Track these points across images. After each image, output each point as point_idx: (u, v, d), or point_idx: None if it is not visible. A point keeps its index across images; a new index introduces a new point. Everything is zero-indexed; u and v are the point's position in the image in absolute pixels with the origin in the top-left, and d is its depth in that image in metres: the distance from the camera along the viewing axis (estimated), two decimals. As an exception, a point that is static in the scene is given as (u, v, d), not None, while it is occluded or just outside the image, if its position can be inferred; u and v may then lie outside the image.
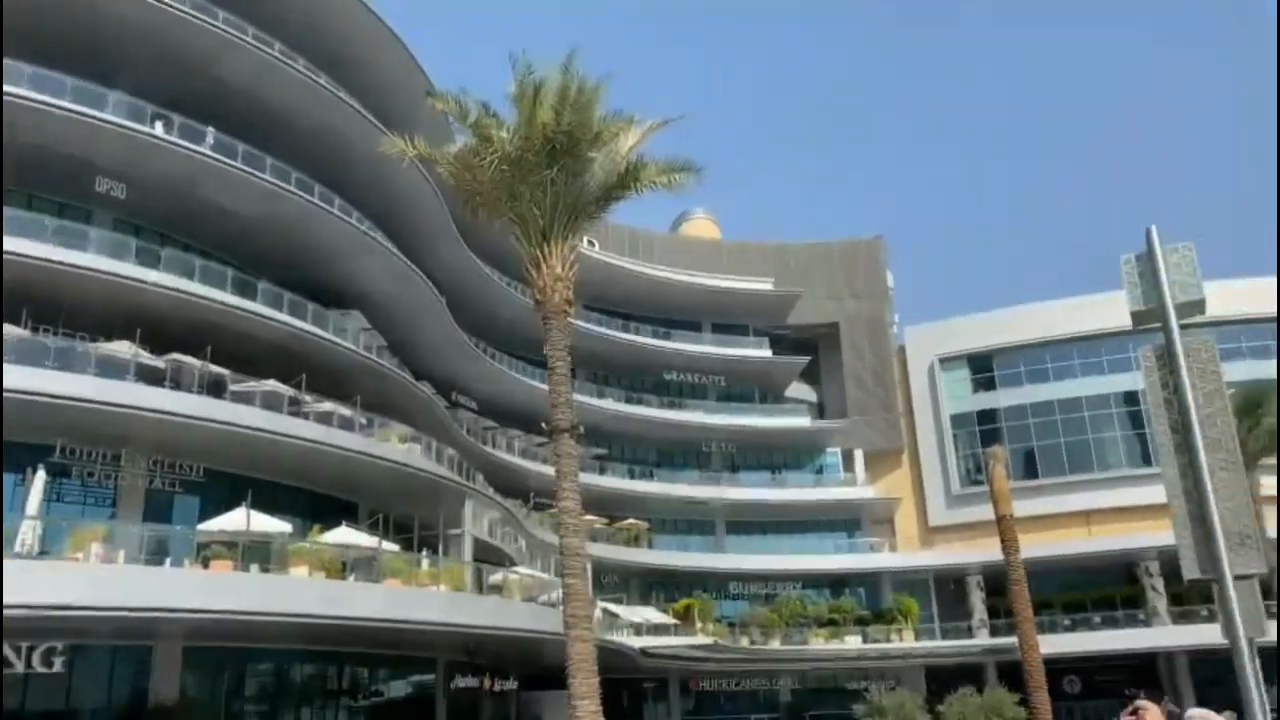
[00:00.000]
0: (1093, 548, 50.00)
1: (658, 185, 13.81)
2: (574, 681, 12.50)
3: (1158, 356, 8.18)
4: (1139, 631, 48.11)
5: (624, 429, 53.68)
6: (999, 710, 34.43)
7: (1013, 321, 58.64)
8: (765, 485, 57.30)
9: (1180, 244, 8.33)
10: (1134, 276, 8.44)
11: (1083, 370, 55.99)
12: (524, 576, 32.41)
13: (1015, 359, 58.55)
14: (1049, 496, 52.99)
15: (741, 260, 60.52)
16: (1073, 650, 45.86)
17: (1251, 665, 8.89)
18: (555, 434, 13.15)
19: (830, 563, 55.17)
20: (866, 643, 50.61)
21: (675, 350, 55.99)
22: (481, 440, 42.56)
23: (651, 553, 51.46)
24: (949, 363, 59.86)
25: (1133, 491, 49.28)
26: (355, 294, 33.23)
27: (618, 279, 53.74)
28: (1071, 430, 56.04)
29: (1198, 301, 8.12)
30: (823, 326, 61.16)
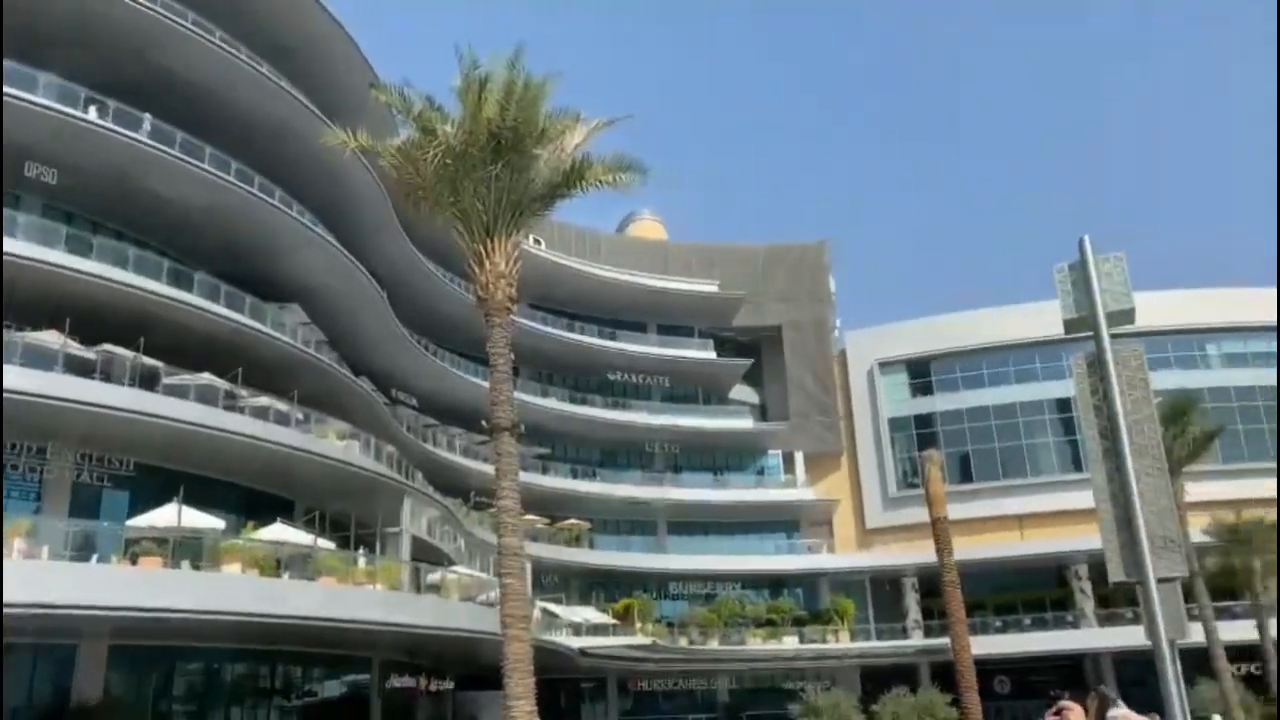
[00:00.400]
0: (1025, 551, 51.10)
1: (604, 184, 13.79)
2: (510, 682, 12.42)
3: (1088, 364, 8.38)
4: (1067, 633, 49.26)
5: (568, 428, 53.59)
6: (931, 710, 35.04)
7: (951, 328, 59.74)
8: (707, 486, 57.61)
9: (1112, 254, 8.54)
10: (1067, 285, 8.65)
11: (1017, 377, 57.20)
12: (462, 576, 32.18)
13: (952, 365, 59.65)
14: (983, 500, 54.02)
15: (687, 262, 60.78)
16: (1004, 651, 46.75)
17: (1172, 666, 9.14)
18: (495, 432, 13.06)
19: (769, 563, 55.66)
20: (803, 643, 51.11)
21: (620, 350, 56.02)
22: (422, 438, 42.17)
23: (592, 553, 51.46)
24: (888, 367, 60.76)
25: (1064, 496, 50.45)
26: (295, 287, 32.69)
27: (564, 278, 53.62)
28: (1006, 435, 57.23)
29: (1128, 311, 8.34)
30: (766, 329, 61.65)
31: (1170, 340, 56.07)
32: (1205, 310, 57.60)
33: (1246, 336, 58.37)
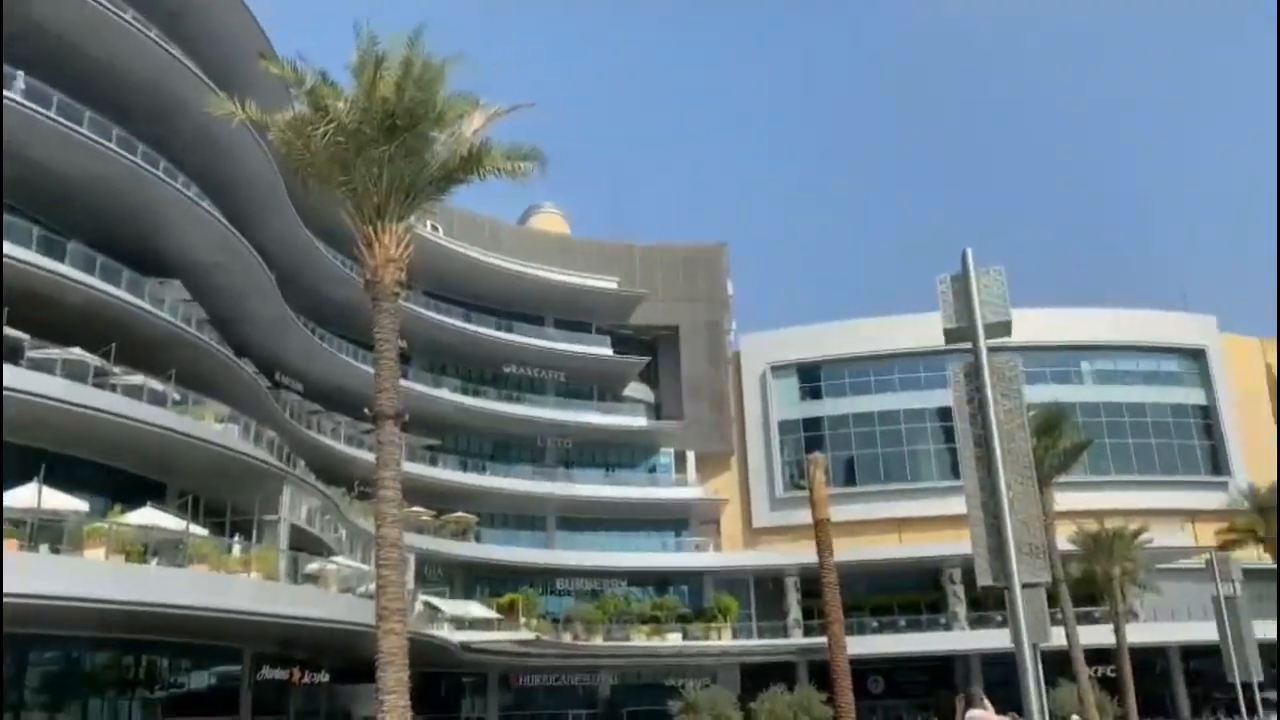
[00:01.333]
0: (902, 554, 52.67)
1: (502, 172, 13.56)
2: (384, 675, 12.12)
3: (966, 373, 8.56)
4: (940, 635, 50.97)
5: (460, 420, 52.88)
6: (807, 708, 35.71)
7: (842, 334, 61.15)
8: (599, 483, 57.63)
9: (993, 268, 8.76)
10: (948, 296, 8.82)
11: (902, 385, 58.93)
12: (343, 567, 31.41)
13: (841, 371, 61.07)
14: (865, 503, 55.44)
15: (588, 257, 60.64)
16: (879, 651, 48.10)
17: (1033, 667, 9.44)
18: (379, 420, 12.72)
19: (657, 561, 56.02)
20: (686, 640, 51.61)
21: (517, 343, 55.56)
22: (306, 424, 41.00)
23: (479, 546, 50.93)
24: (780, 371, 61.83)
25: (941, 502, 52.15)
26: (179, 264, 31.35)
27: (461, 267, 52.85)
28: (889, 441, 58.88)
29: (1005, 323, 8.56)
30: (664, 328, 61.99)
31: (1047, 355, 58.58)
32: (1081, 329, 60.39)
33: (1117, 356, 61.41)
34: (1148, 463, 58.95)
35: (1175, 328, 62.40)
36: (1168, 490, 57.28)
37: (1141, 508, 52.02)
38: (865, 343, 59.92)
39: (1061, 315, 59.95)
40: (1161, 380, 61.81)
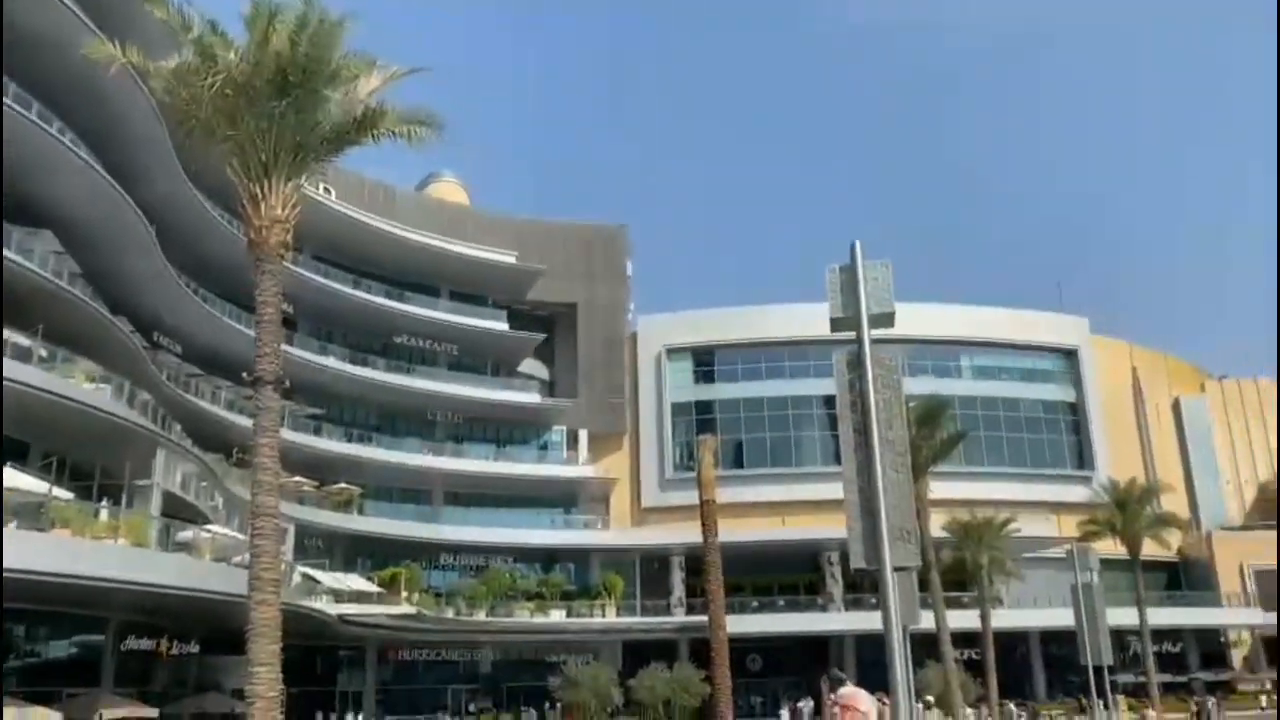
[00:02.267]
0: (784, 536, 53.84)
1: (397, 136, 13.20)
2: (254, 647, 11.80)
3: (849, 362, 8.76)
4: (817, 616, 52.39)
5: (346, 389, 51.71)
6: (686, 685, 36.26)
7: (737, 320, 61.99)
8: (488, 458, 57.16)
9: (880, 261, 8.97)
10: (836, 285, 9.00)
11: (792, 372, 60.10)
12: (218, 535, 30.40)
13: (734, 356, 61.98)
14: (751, 486, 56.43)
15: (487, 230, 59.87)
16: (758, 631, 49.11)
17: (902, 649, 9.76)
18: (258, 385, 12.30)
19: (544, 538, 55.97)
20: (570, 617, 51.79)
21: (409, 314, 54.55)
22: (185, 387, 39.46)
23: (362, 519, 50.01)
24: (675, 354, 62.34)
25: (823, 487, 53.24)
26: (51, 214, 29.67)
27: (354, 232, 51.54)
28: (777, 426, 60.07)
29: (888, 314, 8.78)
30: (561, 306, 61.75)
31: (930, 349, 60.59)
32: (963, 325, 62.59)
33: (995, 352, 63.90)
34: (1019, 456, 61.61)
35: (1050, 328, 65.27)
36: (1036, 483, 60.01)
37: (1011, 499, 54.38)
38: (759, 329, 60.86)
39: (945, 311, 62.04)
40: (1035, 377, 64.62)
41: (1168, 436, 69.17)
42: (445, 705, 47.84)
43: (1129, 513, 48.82)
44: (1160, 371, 71.61)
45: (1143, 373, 69.68)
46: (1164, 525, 51.31)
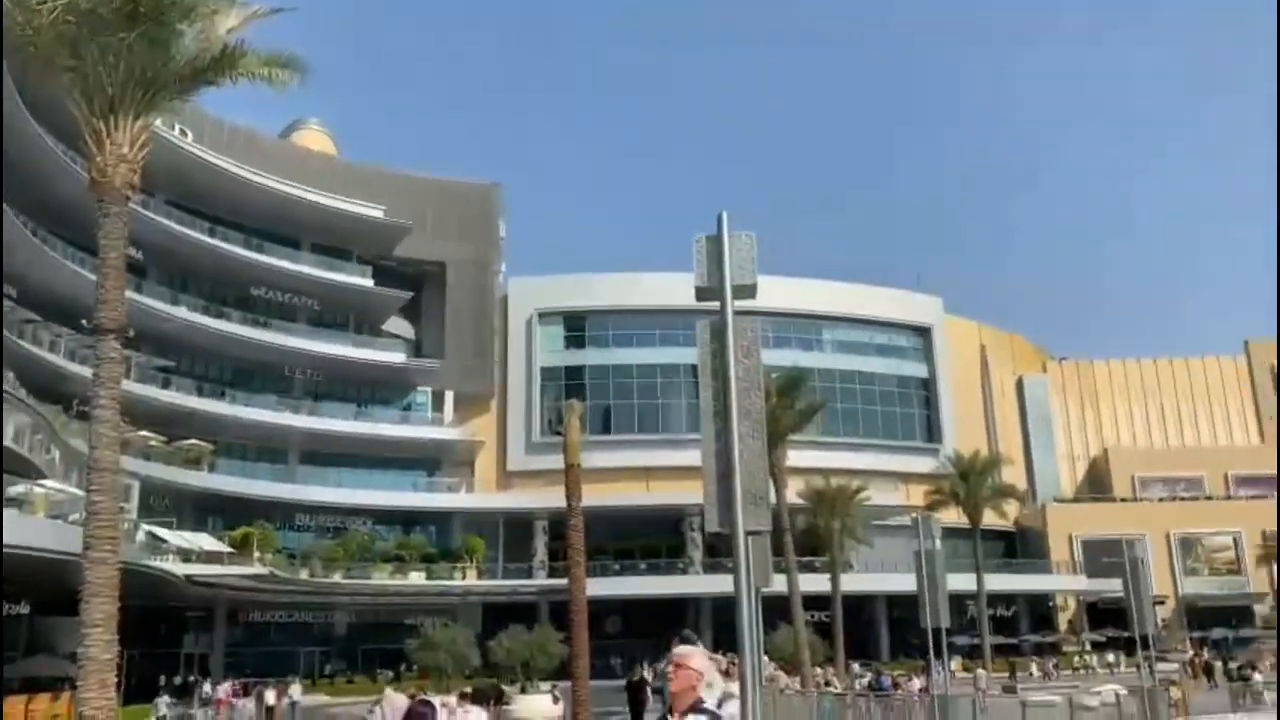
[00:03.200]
0: (648, 501, 54.62)
1: (257, 78, 12.56)
2: (89, 608, 11.21)
3: (711, 330, 8.92)
4: (677, 579, 53.47)
5: (200, 342, 49.56)
6: (544, 647, 36.47)
7: (609, 286, 62.09)
8: (349, 418, 55.83)
9: (745, 232, 9.12)
10: (702, 255, 9.10)
11: (662, 340, 60.70)
12: (53, 490, 28.78)
13: (606, 322, 62.17)
14: (618, 451, 56.86)
15: (354, 182, 58.01)
16: (619, 593, 49.77)
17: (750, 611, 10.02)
18: (99, 333, 11.62)
19: (405, 500, 55.17)
20: (430, 580, 51.33)
21: (268, 265, 52.52)
22: (19, 334, 37.02)
23: (213, 477, 48.18)
24: (546, 317, 62.06)
25: (688, 454, 53.88)
26: None
27: (212, 178, 49.17)
28: (645, 393, 60.69)
29: (751, 285, 8.94)
30: (430, 264, 60.52)
31: (794, 322, 62.22)
32: (826, 299, 64.42)
33: (855, 327, 66.09)
34: (873, 427, 64.08)
35: (907, 306, 67.90)
36: (888, 454, 62.60)
37: (864, 468, 56.59)
38: (632, 296, 61.08)
39: (810, 286, 63.74)
40: (891, 353, 67.21)
41: (1010, 413, 73.17)
42: (297, 668, 46.80)
43: (971, 484, 51.55)
44: (1006, 351, 75.56)
45: (990, 352, 73.37)
46: (1003, 496, 54.43)
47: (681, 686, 4.19)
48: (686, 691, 4.18)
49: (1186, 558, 65.88)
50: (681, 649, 4.37)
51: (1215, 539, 66.28)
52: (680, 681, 4.20)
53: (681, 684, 4.19)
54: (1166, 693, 28.55)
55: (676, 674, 4.22)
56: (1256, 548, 62.64)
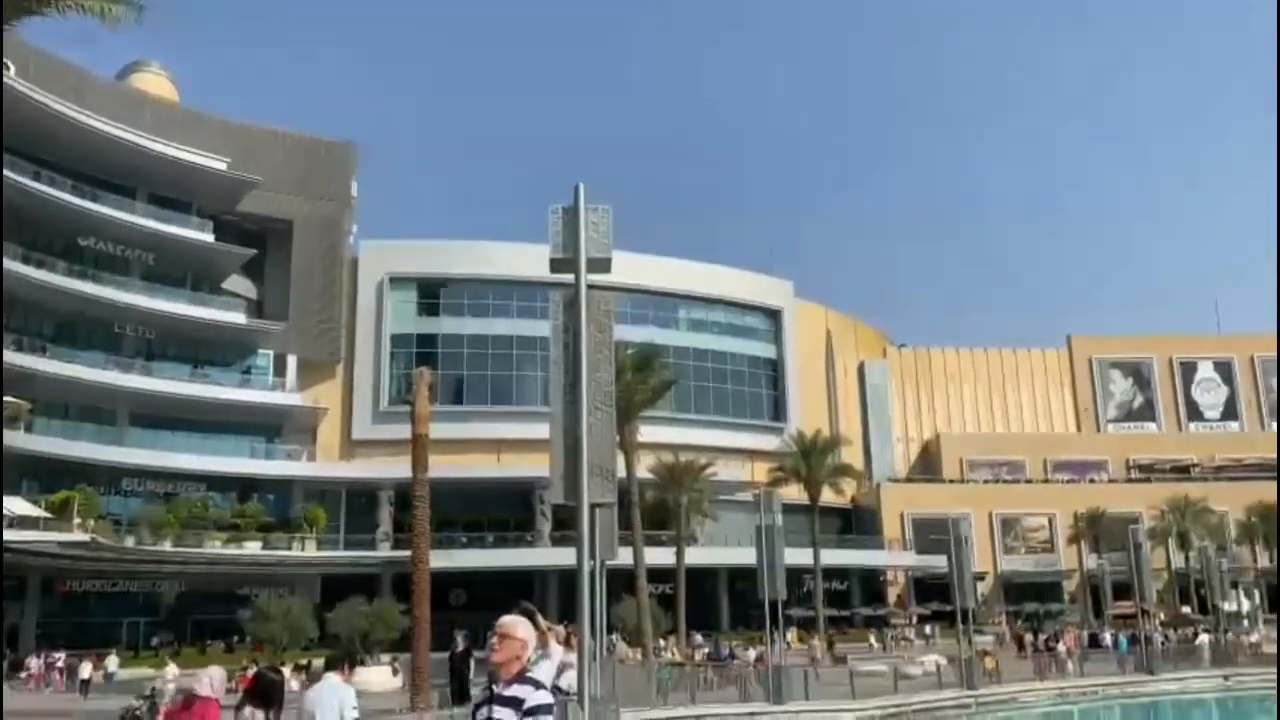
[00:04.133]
0: (499, 474, 54.30)
1: (87, 10, 11.69)
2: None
3: (565, 303, 8.87)
4: (525, 551, 53.38)
5: (19, 293, 46.02)
6: (384, 619, 35.89)
7: (465, 253, 61.07)
8: (184, 379, 53.10)
9: (601, 205, 9.08)
10: (559, 226, 9.03)
11: (519, 311, 60.20)
12: None
13: (462, 290, 61.17)
14: (470, 423, 56.24)
15: (197, 131, 54.96)
16: (465, 565, 49.28)
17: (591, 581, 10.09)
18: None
19: (242, 466, 52.98)
20: (267, 549, 49.61)
21: (99, 214, 49.27)
22: None
23: (29, 437, 44.93)
24: (399, 283, 60.56)
25: (541, 427, 52.64)
26: None
27: (37, 117, 45.62)
28: (499, 365, 60.13)
29: (606, 259, 8.92)
30: (277, 221, 57.99)
31: (651, 299, 62.83)
32: (683, 278, 65.29)
33: (709, 307, 67.28)
34: (723, 405, 65.54)
35: (760, 289, 69.63)
36: (736, 431, 64.19)
37: (713, 445, 57.95)
38: (489, 265, 60.25)
39: (668, 264, 64.48)
40: (743, 334, 68.84)
41: (852, 395, 76.16)
42: (120, 639, 44.42)
43: (812, 462, 53.46)
44: (850, 336, 78.56)
45: (835, 336, 76.11)
46: (841, 475, 56.72)
47: (506, 657, 4.19)
48: (512, 661, 4.18)
49: (1006, 536, 70.25)
50: (506, 619, 4.34)
51: (1032, 519, 70.91)
52: (505, 652, 4.20)
53: (506, 654, 4.19)
54: (982, 662, 30.50)
55: (501, 645, 4.21)
56: (1069, 528, 67.37)
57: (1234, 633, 42.49)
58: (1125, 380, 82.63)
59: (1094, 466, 76.86)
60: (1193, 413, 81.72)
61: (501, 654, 4.21)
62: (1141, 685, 32.77)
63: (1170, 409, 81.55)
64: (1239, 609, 55.19)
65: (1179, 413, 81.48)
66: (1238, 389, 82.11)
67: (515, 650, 4.20)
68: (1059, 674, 32.88)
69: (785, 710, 23.59)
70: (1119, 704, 31.87)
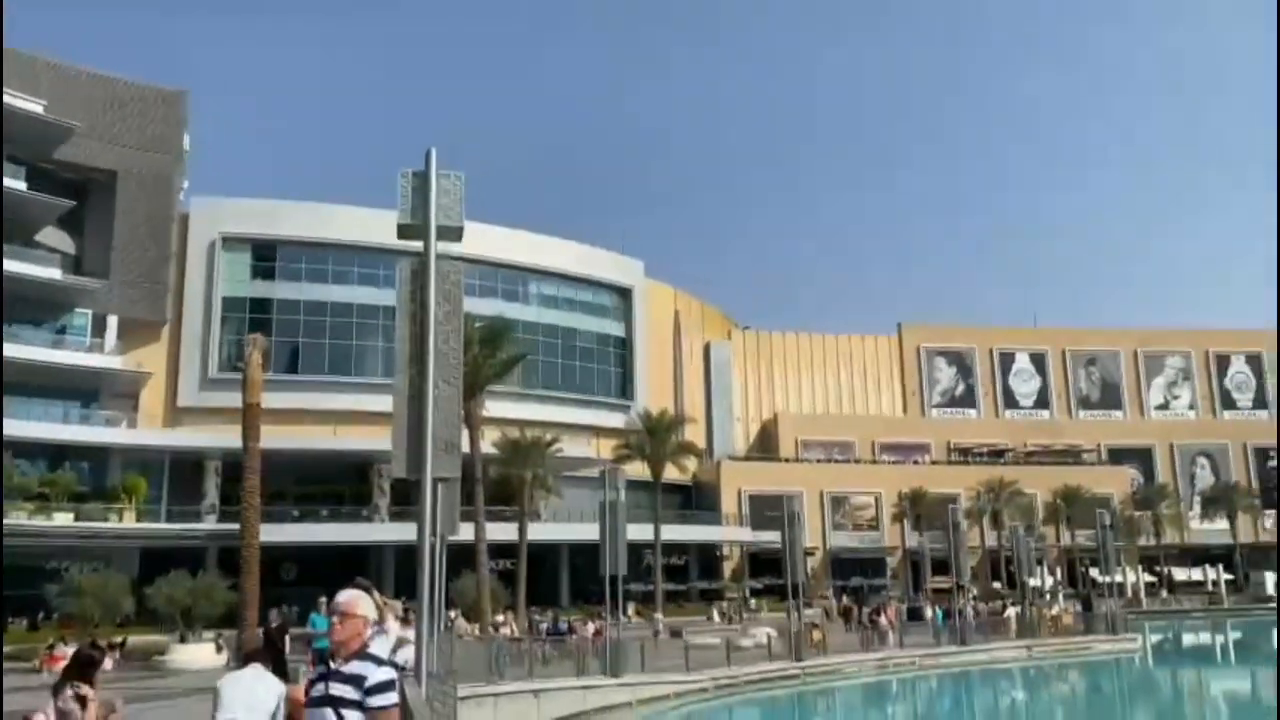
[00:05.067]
0: (336, 445, 52.65)
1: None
2: None
3: (413, 271, 8.59)
4: (361, 526, 52.05)
5: None
6: (209, 594, 34.32)
7: (305, 215, 58.65)
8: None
9: (454, 172, 8.82)
10: (408, 191, 8.73)
11: (361, 279, 58.40)
12: None
13: (300, 254, 58.74)
14: (305, 392, 54.31)
15: (10, 70, 50.47)
16: (298, 539, 47.71)
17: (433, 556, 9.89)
18: None
19: (53, 432, 49.36)
20: (81, 521, 46.57)
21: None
22: None
23: None
24: (233, 243, 57.69)
25: (381, 399, 52.05)
26: None
27: None
28: (339, 333, 58.19)
29: (457, 228, 8.68)
30: (99, 172, 54.09)
31: (502, 272, 62.13)
32: (534, 252, 64.80)
33: (560, 283, 67.07)
34: (571, 382, 65.60)
35: (611, 266, 69.93)
36: (583, 408, 64.41)
37: (560, 421, 57.94)
38: (330, 229, 58.07)
39: (519, 237, 63.87)
40: (593, 311, 69.02)
41: (697, 375, 77.69)
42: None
43: (657, 440, 54.27)
44: (697, 317, 80.00)
45: (683, 316, 77.33)
46: (684, 452, 57.85)
47: (347, 634, 4.12)
48: (353, 639, 4.11)
49: (836, 514, 73.35)
50: (345, 596, 4.23)
51: (860, 498, 74.28)
52: (346, 629, 4.11)
53: (347, 632, 4.12)
54: (810, 634, 31.76)
55: (342, 623, 4.12)
56: (893, 506, 70.88)
57: (1037, 607, 45.68)
58: (950, 368, 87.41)
59: (918, 449, 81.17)
60: (1009, 400, 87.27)
61: (342, 632, 4.12)
62: (955, 656, 34.95)
63: (989, 396, 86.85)
64: (1042, 585, 59.52)
65: (997, 400, 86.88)
66: (1049, 380, 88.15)
67: (357, 628, 4.14)
68: (881, 645, 34.63)
69: (621, 683, 23.94)
70: (934, 674, 33.88)
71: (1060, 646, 39.50)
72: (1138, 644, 42.35)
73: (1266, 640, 55.40)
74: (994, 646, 37.21)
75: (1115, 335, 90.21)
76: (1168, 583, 71.92)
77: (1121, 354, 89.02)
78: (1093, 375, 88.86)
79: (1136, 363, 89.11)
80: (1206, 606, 66.36)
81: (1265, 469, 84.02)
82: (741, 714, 27.29)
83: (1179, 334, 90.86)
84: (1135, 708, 31.80)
